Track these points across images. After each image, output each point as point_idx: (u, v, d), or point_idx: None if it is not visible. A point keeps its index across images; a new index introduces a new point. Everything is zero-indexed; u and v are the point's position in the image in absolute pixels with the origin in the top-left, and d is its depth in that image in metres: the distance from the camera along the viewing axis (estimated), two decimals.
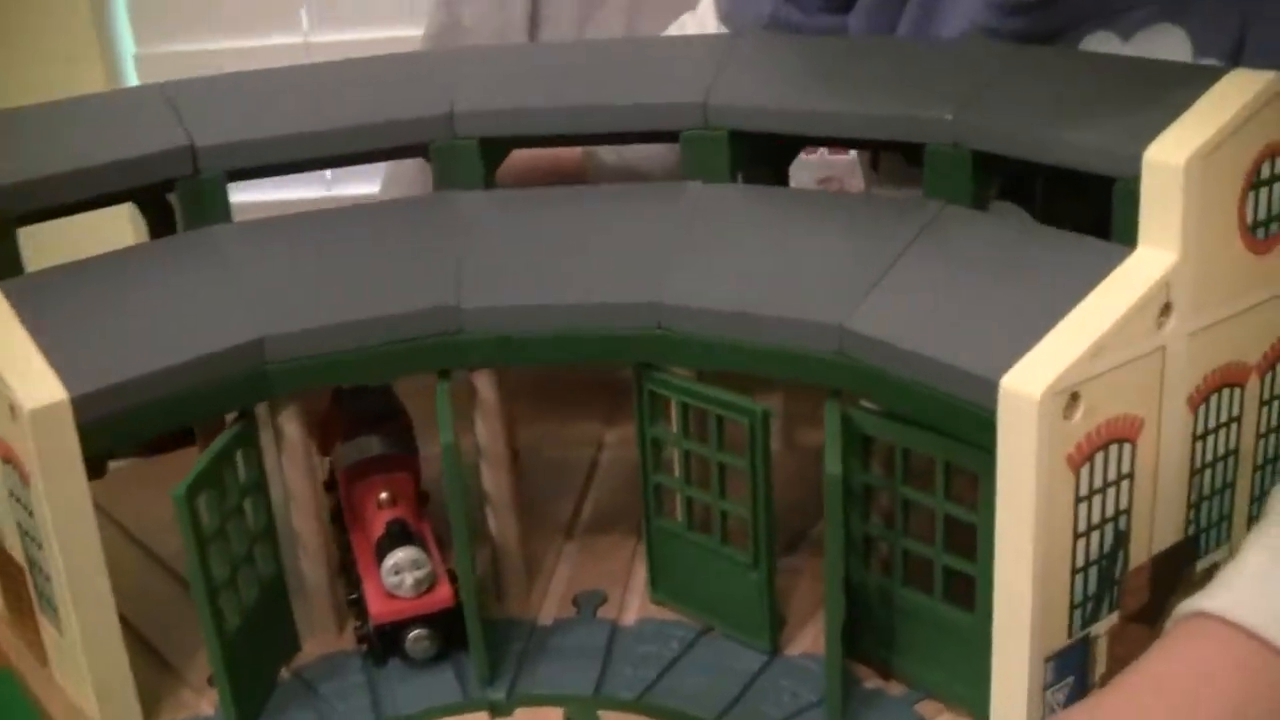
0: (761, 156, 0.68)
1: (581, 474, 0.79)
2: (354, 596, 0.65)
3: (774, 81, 0.66)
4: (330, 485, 0.72)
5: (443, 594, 0.63)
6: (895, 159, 0.74)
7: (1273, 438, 0.60)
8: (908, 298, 0.57)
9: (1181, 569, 0.58)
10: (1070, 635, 0.54)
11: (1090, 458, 0.52)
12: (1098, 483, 0.53)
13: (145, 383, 0.57)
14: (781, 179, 0.70)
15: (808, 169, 0.88)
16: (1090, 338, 0.50)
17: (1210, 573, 0.60)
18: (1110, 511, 0.54)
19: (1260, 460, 0.60)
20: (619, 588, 0.68)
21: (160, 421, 0.58)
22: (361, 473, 0.68)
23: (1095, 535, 0.53)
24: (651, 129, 0.66)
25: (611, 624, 0.65)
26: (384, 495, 0.67)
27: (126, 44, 1.85)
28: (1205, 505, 0.58)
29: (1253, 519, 0.60)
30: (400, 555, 0.62)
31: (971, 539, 0.55)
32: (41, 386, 0.55)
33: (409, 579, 0.62)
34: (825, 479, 0.54)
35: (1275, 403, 0.59)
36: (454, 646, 0.64)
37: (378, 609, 0.63)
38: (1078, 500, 0.52)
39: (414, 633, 0.63)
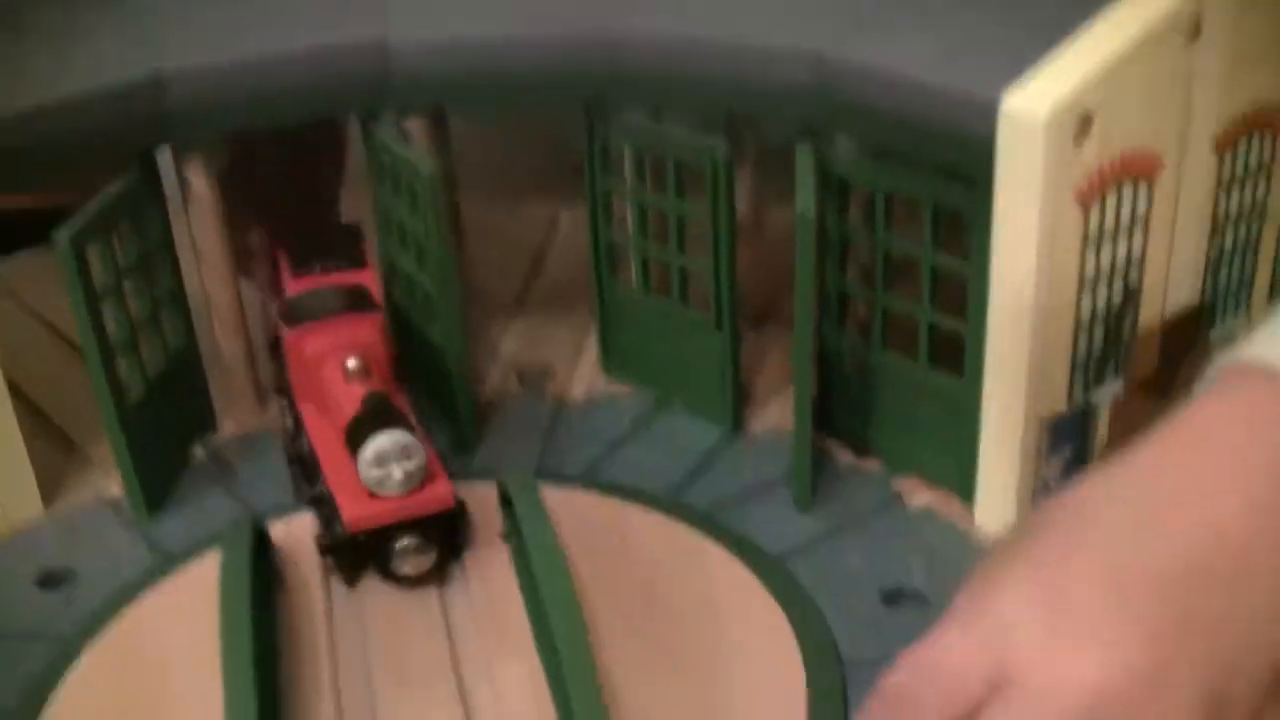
0: None
1: (531, 254, 0.72)
2: (315, 494, 0.51)
3: None
4: (274, 347, 0.57)
5: (441, 491, 0.49)
6: None
7: None
8: (896, 22, 0.49)
9: (1195, 337, 0.52)
10: (1070, 399, 0.48)
11: (1102, 194, 0.45)
12: (1109, 225, 0.46)
13: (33, 117, 0.49)
14: None
15: None
16: (1106, 53, 0.44)
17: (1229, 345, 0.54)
18: (1121, 260, 0.47)
19: None
20: (567, 364, 0.61)
21: (53, 163, 0.51)
22: (319, 334, 0.53)
23: (1103, 287, 0.47)
24: None
25: (558, 399, 0.59)
26: (352, 364, 0.51)
27: None
28: (1224, 267, 0.52)
29: (1276, 286, 0.54)
30: (384, 440, 0.47)
31: (961, 296, 0.49)
32: None
33: (398, 472, 0.47)
34: (796, 221, 0.47)
35: None
36: (452, 559, 0.50)
37: (354, 512, 0.48)
38: (1086, 243, 0.46)
39: (403, 541, 0.48)
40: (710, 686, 0.44)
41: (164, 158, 0.56)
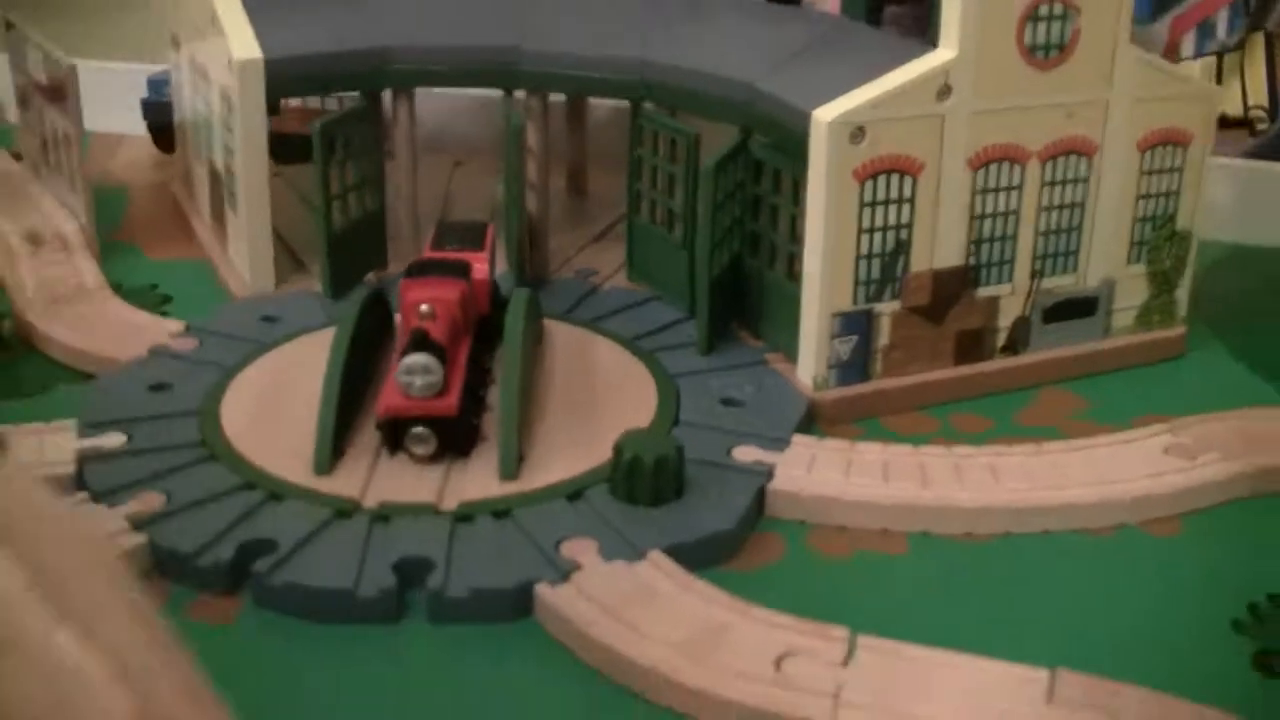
0: None
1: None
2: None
3: None
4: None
5: (447, 402, 0.73)
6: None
7: (1054, 213, 0.86)
8: (794, 70, 0.86)
9: (963, 289, 0.86)
10: (854, 303, 0.83)
11: (874, 176, 0.80)
12: (880, 196, 0.81)
13: (312, 58, 0.93)
14: None
15: None
16: (878, 93, 0.79)
17: (994, 301, 0.87)
18: (891, 221, 0.82)
19: (1042, 227, 0.86)
20: (610, 268, 1.00)
21: (318, 85, 0.94)
22: (415, 287, 0.80)
23: (878, 236, 0.82)
24: None
25: (592, 286, 0.97)
26: (424, 308, 0.76)
27: None
28: (985, 246, 0.85)
29: (1035, 274, 0.87)
30: (413, 359, 0.72)
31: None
32: (249, 48, 0.91)
33: (417, 381, 0.73)
34: (701, 174, 0.85)
35: (1057, 187, 0.86)
36: (451, 450, 0.75)
37: (385, 403, 0.74)
38: (862, 205, 0.81)
39: (414, 430, 0.73)
40: (605, 408, 0.81)
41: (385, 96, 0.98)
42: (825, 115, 0.79)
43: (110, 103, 1.25)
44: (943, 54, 0.80)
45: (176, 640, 0.40)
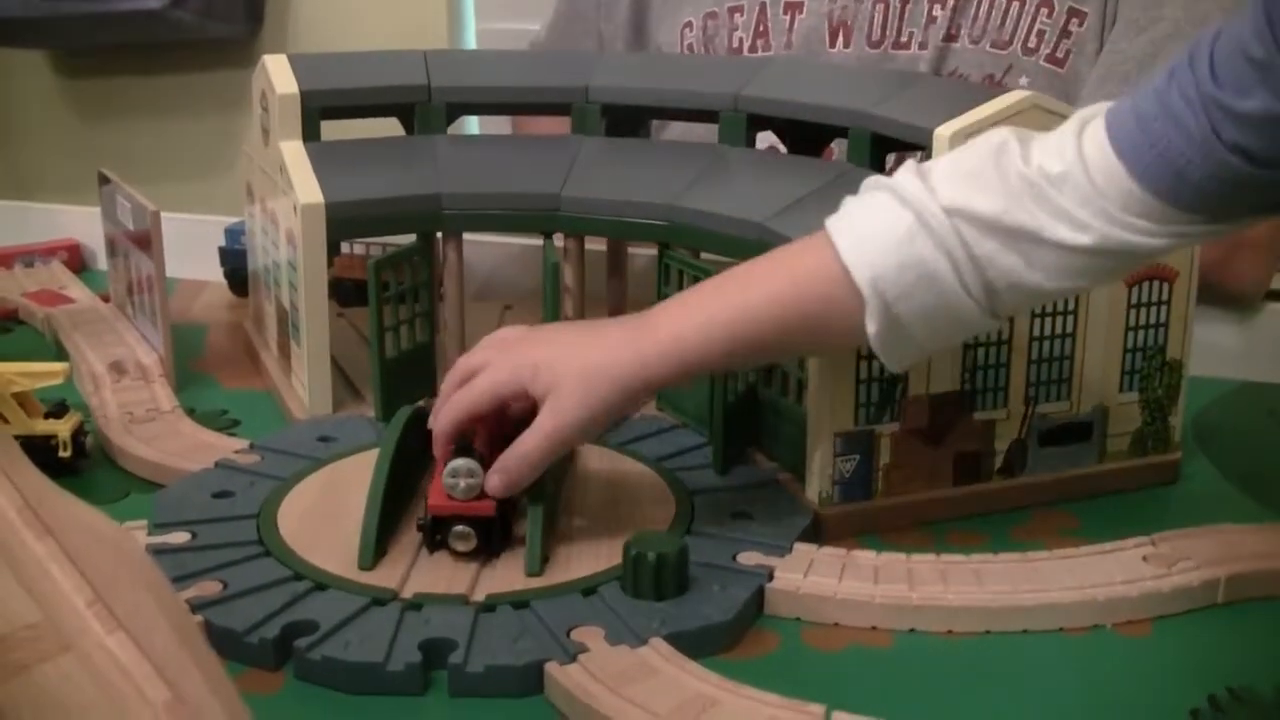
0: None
1: None
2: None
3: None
4: None
5: (487, 504, 0.83)
6: None
7: (1046, 343, 0.95)
8: (800, 212, 0.97)
9: (959, 413, 0.94)
10: (856, 424, 0.92)
11: None
12: None
13: (369, 202, 1.05)
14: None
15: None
16: None
17: (990, 425, 0.95)
18: None
19: (1034, 357, 0.95)
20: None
21: (374, 228, 1.06)
22: None
23: (876, 362, 0.91)
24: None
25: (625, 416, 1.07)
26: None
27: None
28: (979, 373, 0.94)
29: (1029, 400, 0.96)
30: (457, 463, 0.83)
31: None
32: (313, 195, 1.03)
33: (461, 484, 0.83)
34: None
35: (1048, 318, 0.95)
36: (490, 546, 0.84)
37: (431, 502, 0.84)
38: None
39: (456, 528, 0.84)
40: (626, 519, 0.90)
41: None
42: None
43: (194, 252, 1.39)
44: None
45: (207, 646, 0.49)
